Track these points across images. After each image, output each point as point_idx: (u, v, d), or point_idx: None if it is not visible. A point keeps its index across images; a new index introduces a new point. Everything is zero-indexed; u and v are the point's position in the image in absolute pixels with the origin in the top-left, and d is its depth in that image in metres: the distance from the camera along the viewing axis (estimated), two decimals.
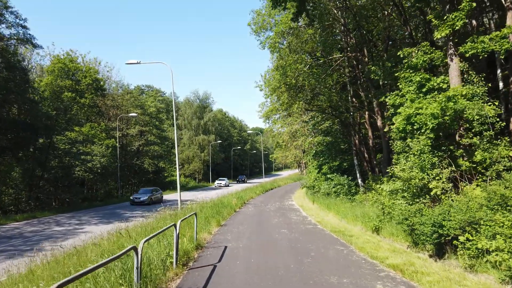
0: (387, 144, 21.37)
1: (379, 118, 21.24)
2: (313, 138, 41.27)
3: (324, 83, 21.41)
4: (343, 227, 13.63)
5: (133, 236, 8.91)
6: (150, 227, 10.10)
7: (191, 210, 15.41)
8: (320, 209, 21.47)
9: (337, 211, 18.28)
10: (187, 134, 60.86)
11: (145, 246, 6.04)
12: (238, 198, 24.16)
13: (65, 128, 34.17)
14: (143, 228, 10.21)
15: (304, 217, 17.54)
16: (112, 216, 23.09)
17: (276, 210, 21.07)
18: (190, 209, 15.76)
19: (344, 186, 22.94)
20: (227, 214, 17.47)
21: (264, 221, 15.70)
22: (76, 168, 35.07)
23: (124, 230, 9.56)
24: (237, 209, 21.05)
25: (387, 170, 20.46)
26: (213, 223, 13.74)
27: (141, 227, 10.45)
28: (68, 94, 40.18)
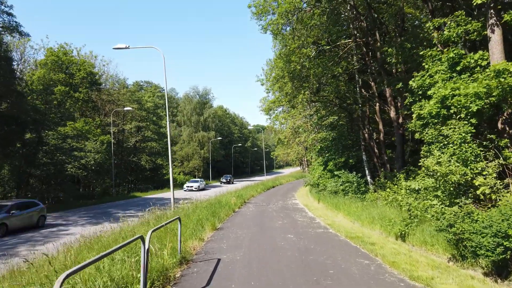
0: (401, 137, 19.20)
1: (392, 109, 19.05)
2: (317, 134, 39.13)
3: (332, 71, 19.22)
4: (359, 231, 11.46)
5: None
6: (118, 237, 7.90)
7: (183, 211, 13.28)
8: (327, 209, 19.33)
9: (348, 212, 16.14)
10: (186, 131, 58.65)
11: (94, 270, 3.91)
12: (238, 197, 22.01)
13: (57, 123, 32.06)
14: (111, 237, 8.04)
15: (311, 218, 15.38)
16: (103, 216, 21.05)
17: (279, 210, 18.93)
18: (182, 210, 13.62)
19: (352, 184, 20.77)
20: (225, 215, 15.32)
21: (267, 223, 13.55)
22: (69, 165, 33.04)
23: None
24: (236, 209, 18.90)
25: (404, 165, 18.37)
26: (207, 227, 11.59)
27: (109, 236, 8.31)
28: (61, 88, 38.11)
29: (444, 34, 10.64)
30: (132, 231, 8.40)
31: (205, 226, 11.61)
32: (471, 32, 10.39)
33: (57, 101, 37.44)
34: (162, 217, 11.25)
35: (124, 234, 7.94)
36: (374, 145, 22.34)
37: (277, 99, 20.93)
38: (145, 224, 9.70)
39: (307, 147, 49.20)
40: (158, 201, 28.89)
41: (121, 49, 17.66)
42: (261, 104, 51.83)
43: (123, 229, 8.57)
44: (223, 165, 69.77)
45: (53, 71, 38.95)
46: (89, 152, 35.90)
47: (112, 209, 26.16)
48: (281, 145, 52.56)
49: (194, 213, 12.46)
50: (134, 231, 8.45)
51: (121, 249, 4.67)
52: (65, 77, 39.25)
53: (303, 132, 42.23)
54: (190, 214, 12.34)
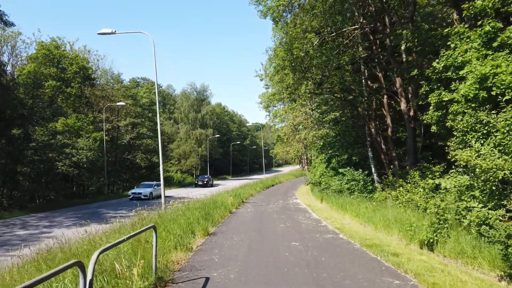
0: (413, 131, 17.46)
1: (403, 101, 17.32)
2: (317, 131, 37.45)
3: (338, 60, 17.48)
4: (374, 237, 9.75)
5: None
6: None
7: (171, 213, 11.54)
8: (332, 210, 17.63)
9: (357, 213, 14.44)
10: (183, 128, 56.79)
11: None
12: (235, 196, 20.29)
13: (46, 119, 30.26)
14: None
15: (316, 220, 13.66)
16: (91, 216, 19.34)
17: (280, 210, 17.21)
18: (170, 212, 11.87)
19: (359, 182, 19.08)
20: (220, 216, 13.58)
21: (267, 227, 11.82)
22: (59, 162, 31.30)
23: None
24: (233, 209, 17.17)
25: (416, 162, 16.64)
26: (198, 232, 9.86)
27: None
28: (53, 82, 36.32)
29: (476, 4, 8.88)
30: (90, 244, 6.65)
31: (195, 231, 9.88)
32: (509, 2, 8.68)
33: (48, 96, 35.70)
34: (143, 221, 9.50)
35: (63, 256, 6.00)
36: (381, 140, 20.64)
37: (278, 92, 19.19)
38: (114, 232, 7.93)
39: (307, 145, 47.56)
40: (154, 200, 27.18)
41: (106, 34, 15.89)
42: (260, 100, 50.18)
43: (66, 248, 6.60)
44: (221, 163, 68.00)
45: (44, 65, 37.15)
46: (81, 149, 34.21)
47: (103, 209, 24.48)
48: (280, 143, 50.82)
49: (184, 216, 10.71)
50: (93, 243, 6.70)
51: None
52: (56, 71, 37.47)
53: (303, 129, 40.55)
54: (179, 217, 10.60)
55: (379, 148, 20.60)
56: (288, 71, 18.63)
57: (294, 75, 18.29)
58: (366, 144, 23.57)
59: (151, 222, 9.07)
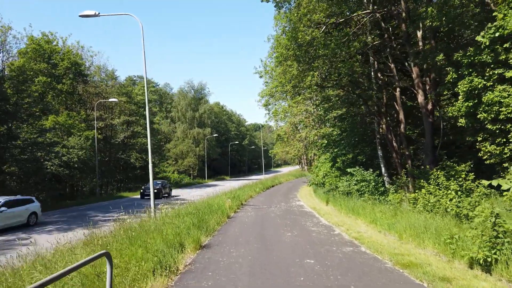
0: (431, 127, 15.56)
1: (420, 93, 15.44)
2: (319, 130, 35.57)
3: (348, 48, 15.59)
4: (405, 251, 7.82)
5: None
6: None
7: (158, 220, 9.59)
8: (341, 213, 15.72)
9: (372, 219, 12.52)
10: (181, 127, 54.69)
11: None
12: (234, 198, 18.34)
13: (32, 115, 28.25)
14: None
15: (326, 227, 11.74)
16: (78, 220, 17.42)
17: (284, 214, 15.29)
18: (157, 219, 9.92)
19: (369, 183, 17.18)
20: (216, 223, 11.64)
21: (271, 236, 9.89)
22: (49, 162, 29.29)
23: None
24: (231, 213, 15.22)
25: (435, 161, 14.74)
26: (188, 245, 7.92)
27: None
28: (43, 78, 34.26)
29: None
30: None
31: (185, 244, 7.93)
32: None
33: (38, 93, 33.71)
34: (120, 231, 7.54)
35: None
36: (393, 138, 18.77)
37: (280, 83, 17.26)
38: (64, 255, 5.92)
39: (307, 145, 45.66)
40: (146, 202, 25.18)
41: (88, 16, 13.92)
42: (260, 97, 48.18)
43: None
44: (220, 164, 66.00)
45: (34, 61, 35.11)
46: (72, 148, 32.21)
47: (92, 212, 22.53)
48: (280, 142, 48.88)
49: (170, 224, 8.75)
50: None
51: None
52: (47, 67, 35.39)
53: (304, 127, 38.64)
54: (166, 225, 8.65)
55: (391, 146, 18.73)
56: (292, 62, 16.73)
57: (298, 65, 16.39)
58: (375, 142, 21.72)
59: (128, 233, 7.11)
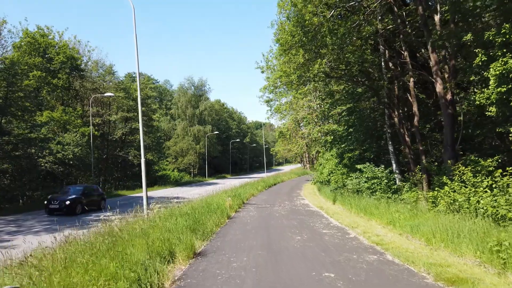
0: (451, 119, 14.12)
1: (439, 81, 13.97)
2: (323, 126, 34.19)
3: (359, 33, 14.17)
4: (441, 260, 6.41)
5: None
6: None
7: (146, 223, 8.19)
8: (352, 213, 14.33)
9: (389, 220, 11.14)
10: (181, 124, 53.21)
11: None
12: (235, 197, 16.93)
13: (29, 110, 26.86)
14: None
15: (338, 229, 10.33)
16: (69, 220, 16.04)
17: (290, 214, 13.90)
18: (146, 221, 8.53)
19: (381, 181, 15.76)
20: (214, 224, 10.24)
21: (278, 241, 8.48)
22: (43, 159, 27.97)
23: None
24: (232, 213, 13.83)
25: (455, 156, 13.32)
26: (179, 252, 6.53)
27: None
28: (37, 73, 32.89)
29: None
30: None
31: (175, 251, 6.54)
32: None
33: (32, 87, 32.37)
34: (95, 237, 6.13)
35: None
36: (405, 132, 17.34)
37: (284, 73, 15.83)
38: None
39: (309, 143, 44.25)
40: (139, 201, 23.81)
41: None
42: (262, 94, 46.70)
43: None
44: (220, 162, 64.58)
45: (29, 55, 33.76)
46: (67, 145, 30.91)
47: None
48: (282, 139, 47.42)
49: (159, 228, 7.35)
50: None
51: None
52: (42, 61, 34.02)
53: (307, 123, 37.20)
54: (154, 228, 7.25)
55: (403, 140, 17.30)
56: (298, 49, 15.30)
57: (305, 52, 14.96)
58: (384, 137, 20.31)
59: (104, 239, 5.71)
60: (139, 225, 7.48)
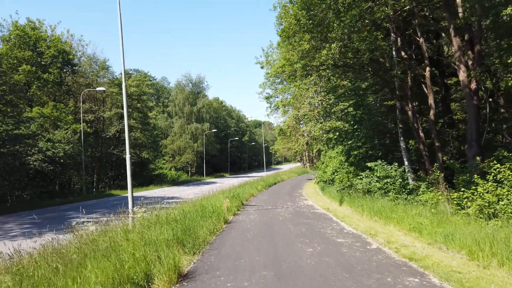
0: (476, 110, 12.49)
1: (462, 69, 12.32)
2: (325, 123, 32.54)
3: (371, 15, 12.54)
4: (507, 285, 4.81)
5: None
6: None
7: (123, 233, 6.51)
8: (363, 216, 12.68)
9: (412, 225, 9.50)
10: (178, 122, 51.42)
11: None
12: (233, 198, 15.28)
13: (15, 105, 25.14)
14: None
15: (356, 237, 8.67)
16: (54, 222, 14.36)
17: (295, 217, 12.25)
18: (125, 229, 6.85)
19: (395, 180, 14.12)
20: (209, 231, 8.57)
21: (287, 256, 6.82)
22: (32, 157, 26.32)
23: None
24: (229, 217, 12.17)
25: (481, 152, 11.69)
26: (159, 275, 4.87)
27: None
28: (27, 67, 31.15)
29: None
30: None
31: (153, 274, 4.87)
32: None
33: (21, 82, 30.63)
34: None
35: None
36: (419, 127, 15.72)
37: (288, 62, 14.18)
38: None
39: (309, 142, 42.64)
40: (136, 200, 22.10)
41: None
42: (261, 91, 45.05)
43: None
44: (219, 160, 62.86)
45: (18, 48, 31.99)
46: (58, 142, 29.23)
47: (73, 212, 19.49)
48: (282, 137, 45.75)
49: (137, 241, 5.67)
50: None
51: None
52: (32, 55, 32.25)
53: (308, 121, 35.58)
54: (128, 242, 5.57)
55: (417, 136, 15.67)
56: (302, 35, 13.65)
57: (311, 38, 13.31)
58: (394, 133, 18.71)
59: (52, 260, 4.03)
60: (111, 237, 5.80)
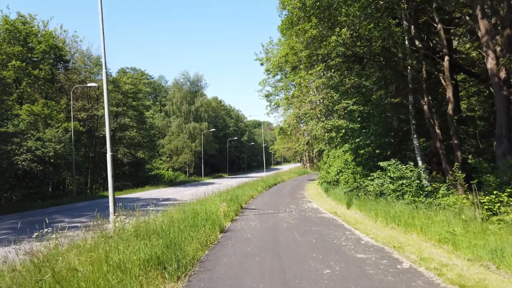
0: (506, 101, 10.94)
1: (491, 56, 10.78)
2: (327, 122, 30.97)
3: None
4: None
5: None
6: None
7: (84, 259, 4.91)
8: (377, 222, 11.12)
9: (442, 235, 7.94)
10: (175, 121, 49.76)
11: None
12: (231, 201, 13.68)
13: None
14: None
15: (378, 251, 7.09)
16: (35, 226, 12.68)
17: (301, 224, 10.67)
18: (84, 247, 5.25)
19: (412, 181, 12.53)
20: (201, 245, 6.98)
21: (300, 283, 5.23)
22: (20, 156, 24.78)
23: None
24: (227, 223, 10.59)
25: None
26: None
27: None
28: (17, 63, 29.53)
29: None
30: None
31: None
32: None
33: (10, 79, 29.04)
34: None
35: None
36: (435, 123, 14.18)
37: (291, 50, 12.63)
38: None
39: (309, 141, 41.10)
40: (130, 203, 20.53)
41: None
42: (261, 88, 43.52)
43: None
44: (218, 160, 61.22)
45: (8, 43, 30.38)
46: (48, 141, 27.63)
47: (59, 215, 17.88)
48: (282, 136, 44.20)
49: (98, 268, 4.08)
50: None
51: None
52: (22, 50, 30.64)
53: (310, 119, 34.02)
54: (83, 267, 3.97)
55: (433, 133, 14.12)
56: (308, 20, 12.11)
57: (318, 22, 11.76)
58: (405, 130, 17.18)
59: None
60: (65, 258, 4.21)
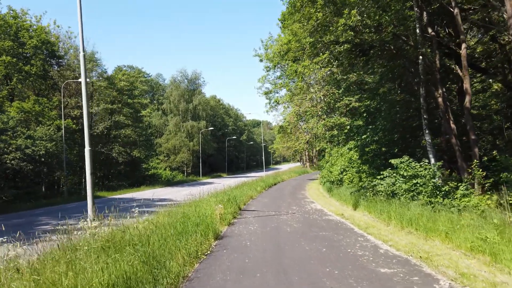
0: None
1: None
2: (328, 120, 29.75)
3: None
4: None
5: None
6: None
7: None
8: (390, 225, 9.89)
9: (475, 243, 6.69)
10: (173, 120, 48.47)
11: None
12: (229, 201, 12.43)
13: None
14: None
15: (404, 264, 5.82)
16: (16, 230, 11.40)
17: (306, 228, 9.41)
18: None
19: (427, 180, 11.28)
20: (189, 256, 5.71)
21: None
22: (9, 155, 23.53)
23: None
24: (223, 227, 9.32)
25: None
26: None
27: None
28: (7, 58, 28.21)
29: None
30: None
31: None
32: None
33: (0, 74, 27.81)
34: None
35: None
36: (450, 117, 12.96)
37: (294, 38, 11.40)
38: None
39: (309, 140, 39.88)
40: (122, 203, 19.27)
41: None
42: (261, 85, 42.34)
43: None
44: (216, 160, 59.94)
45: None
46: (39, 139, 26.36)
47: (45, 217, 16.66)
48: (282, 135, 42.96)
49: None
50: None
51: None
52: (12, 45, 29.31)
53: (310, 117, 32.80)
54: None
55: (448, 127, 12.91)
56: (313, 3, 10.88)
57: (324, 4, 10.53)
58: (415, 125, 15.95)
59: None
60: None
